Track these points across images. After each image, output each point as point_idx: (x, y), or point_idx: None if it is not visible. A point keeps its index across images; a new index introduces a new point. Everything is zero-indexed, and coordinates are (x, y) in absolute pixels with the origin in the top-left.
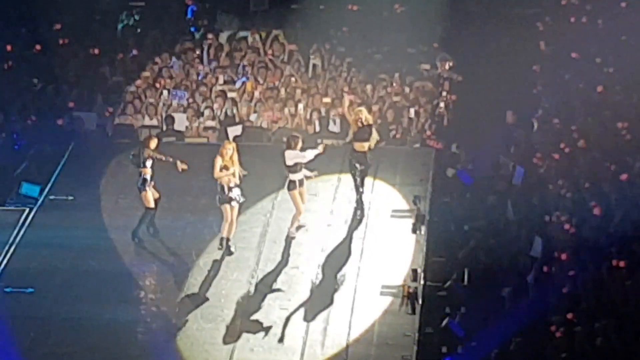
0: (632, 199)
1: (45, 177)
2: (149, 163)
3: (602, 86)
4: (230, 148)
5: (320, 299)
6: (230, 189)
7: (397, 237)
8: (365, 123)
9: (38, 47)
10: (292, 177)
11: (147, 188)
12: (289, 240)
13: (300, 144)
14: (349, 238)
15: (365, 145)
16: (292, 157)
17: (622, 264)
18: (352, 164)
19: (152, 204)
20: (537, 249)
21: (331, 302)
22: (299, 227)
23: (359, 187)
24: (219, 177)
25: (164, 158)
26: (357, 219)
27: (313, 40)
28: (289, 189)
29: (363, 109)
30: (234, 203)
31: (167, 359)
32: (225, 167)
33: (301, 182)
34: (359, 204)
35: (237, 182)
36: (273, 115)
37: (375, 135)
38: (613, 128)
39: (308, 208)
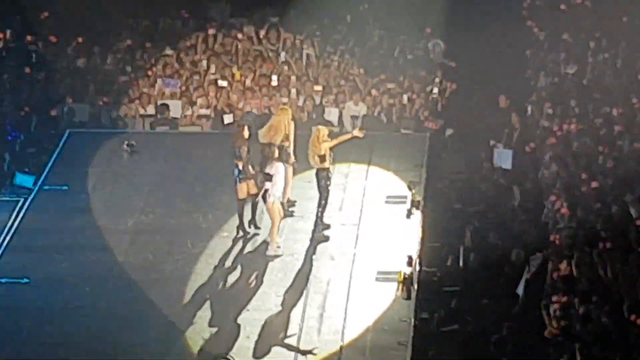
0: (624, 181)
1: (39, 167)
2: (243, 153)
3: (594, 70)
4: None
5: (316, 286)
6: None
7: (392, 222)
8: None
9: (29, 37)
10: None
11: (242, 180)
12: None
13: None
14: (343, 224)
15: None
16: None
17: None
18: (324, 183)
19: (243, 196)
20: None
21: (327, 289)
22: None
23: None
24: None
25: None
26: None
27: (307, 28)
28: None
29: (319, 127)
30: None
31: (165, 347)
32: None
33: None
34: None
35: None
36: (260, 103)
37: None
38: (604, 112)
39: (303, 195)
